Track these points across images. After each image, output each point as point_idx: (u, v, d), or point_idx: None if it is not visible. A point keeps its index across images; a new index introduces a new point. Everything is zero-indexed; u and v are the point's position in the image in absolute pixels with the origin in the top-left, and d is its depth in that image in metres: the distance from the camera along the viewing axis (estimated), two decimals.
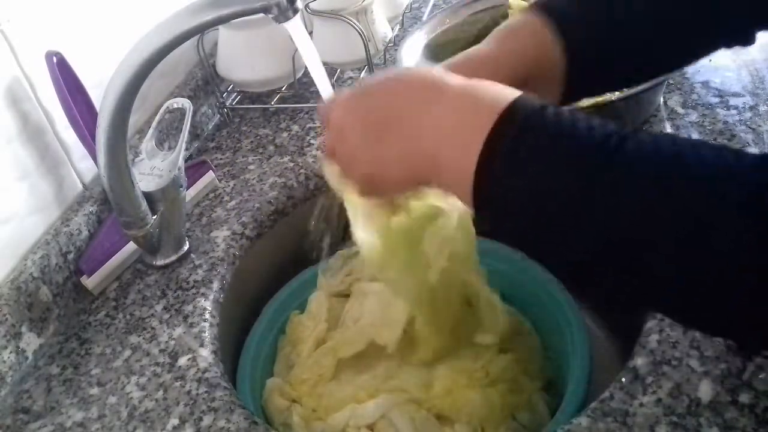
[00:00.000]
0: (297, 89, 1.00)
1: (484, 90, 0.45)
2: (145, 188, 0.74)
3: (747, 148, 0.75)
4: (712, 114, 0.80)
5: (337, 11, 0.92)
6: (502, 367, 0.67)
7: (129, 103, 0.64)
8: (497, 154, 0.42)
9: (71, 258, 0.76)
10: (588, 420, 0.55)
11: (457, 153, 0.44)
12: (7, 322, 0.68)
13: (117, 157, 0.68)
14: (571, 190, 0.40)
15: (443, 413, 0.65)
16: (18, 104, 0.73)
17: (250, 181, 0.89)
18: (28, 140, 0.74)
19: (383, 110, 0.48)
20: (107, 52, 0.77)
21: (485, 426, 0.64)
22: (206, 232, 0.82)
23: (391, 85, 0.49)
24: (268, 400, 0.70)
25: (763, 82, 0.84)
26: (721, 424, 0.52)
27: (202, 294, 0.75)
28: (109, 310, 0.75)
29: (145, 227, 0.74)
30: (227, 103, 1.01)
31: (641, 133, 0.40)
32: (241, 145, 0.96)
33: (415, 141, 0.46)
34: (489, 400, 0.65)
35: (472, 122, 0.43)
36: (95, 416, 0.64)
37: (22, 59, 0.73)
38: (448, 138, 0.45)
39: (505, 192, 0.42)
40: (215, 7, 0.58)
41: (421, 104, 0.46)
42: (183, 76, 0.99)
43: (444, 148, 0.45)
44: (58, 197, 0.78)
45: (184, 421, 0.62)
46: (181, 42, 0.61)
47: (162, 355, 0.69)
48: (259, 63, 0.97)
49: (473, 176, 0.43)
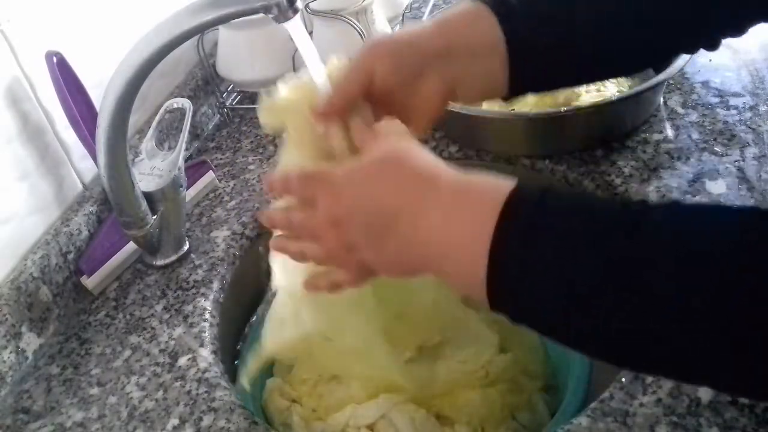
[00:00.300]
0: None
1: (478, 185, 0.44)
2: (145, 188, 0.74)
3: (747, 148, 0.75)
4: (712, 114, 0.81)
5: (337, 11, 0.92)
6: (502, 367, 0.67)
7: (129, 103, 0.64)
8: (508, 253, 0.41)
9: (71, 258, 0.76)
10: (588, 420, 0.55)
11: (464, 256, 0.43)
12: (7, 322, 0.68)
13: (117, 157, 0.68)
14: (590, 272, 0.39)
15: (443, 413, 0.65)
16: (18, 104, 0.73)
17: (250, 181, 0.89)
18: (28, 140, 0.74)
19: (379, 209, 0.47)
20: (107, 52, 0.77)
21: (485, 426, 0.64)
22: (206, 232, 0.82)
23: (383, 180, 0.47)
24: (268, 400, 0.70)
25: (763, 82, 0.84)
26: (721, 424, 0.52)
27: (202, 294, 0.75)
28: (109, 310, 0.75)
29: (145, 227, 0.74)
30: (227, 103, 1.01)
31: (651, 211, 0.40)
32: (241, 145, 0.96)
33: (415, 245, 0.46)
34: (489, 400, 0.65)
35: (473, 222, 0.42)
36: (95, 416, 0.64)
37: (22, 59, 0.73)
38: (451, 240, 0.44)
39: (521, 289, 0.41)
40: (215, 7, 0.58)
41: (416, 203, 0.45)
42: (183, 76, 0.99)
43: (448, 252, 0.44)
44: (58, 197, 0.78)
45: (184, 421, 0.62)
46: (181, 42, 0.61)
47: (162, 355, 0.69)
48: (259, 63, 0.97)
49: (485, 281, 0.42)
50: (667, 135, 0.79)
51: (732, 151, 0.75)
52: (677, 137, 0.78)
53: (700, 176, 0.73)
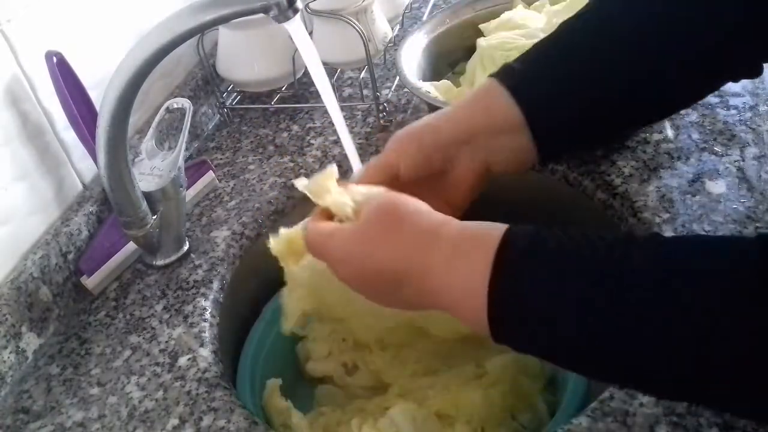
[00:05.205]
0: (297, 89, 1.00)
1: (473, 233, 0.47)
2: (145, 188, 0.74)
3: (747, 148, 0.75)
4: (712, 114, 0.80)
5: (337, 11, 0.92)
6: (502, 367, 0.67)
7: (129, 103, 0.64)
8: (503, 295, 0.44)
9: (71, 258, 0.76)
10: (588, 420, 0.55)
11: (468, 300, 0.46)
12: (7, 322, 0.68)
13: (117, 157, 0.68)
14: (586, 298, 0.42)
15: (443, 413, 0.65)
16: (18, 104, 0.73)
17: (250, 181, 0.89)
18: (28, 140, 0.74)
19: (386, 273, 0.49)
20: (107, 52, 0.78)
21: (485, 426, 0.64)
22: (206, 232, 0.82)
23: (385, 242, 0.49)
24: (268, 400, 0.70)
25: (763, 82, 0.84)
26: (721, 424, 0.52)
27: (202, 294, 0.75)
28: (109, 310, 0.75)
29: (145, 227, 0.74)
30: (227, 103, 1.01)
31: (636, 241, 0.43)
32: (241, 145, 0.96)
33: (424, 296, 0.49)
34: (489, 400, 0.65)
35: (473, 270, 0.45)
36: (95, 416, 0.64)
37: (22, 59, 0.73)
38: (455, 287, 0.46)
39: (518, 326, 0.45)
40: (215, 7, 0.58)
41: (421, 260, 0.48)
42: (183, 76, 0.99)
43: (454, 297, 0.47)
44: (58, 197, 0.78)
45: (184, 421, 0.62)
46: (181, 42, 0.61)
47: (162, 355, 0.69)
48: (259, 63, 0.97)
49: (488, 319, 0.45)
50: (667, 135, 0.79)
51: (732, 151, 0.75)
52: (677, 137, 0.78)
53: (700, 176, 0.73)
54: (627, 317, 0.40)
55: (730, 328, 0.37)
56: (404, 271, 0.48)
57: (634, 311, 0.40)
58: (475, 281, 0.45)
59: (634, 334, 0.40)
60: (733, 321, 0.37)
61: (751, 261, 0.38)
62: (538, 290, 0.43)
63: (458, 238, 0.47)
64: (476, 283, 0.44)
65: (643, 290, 0.40)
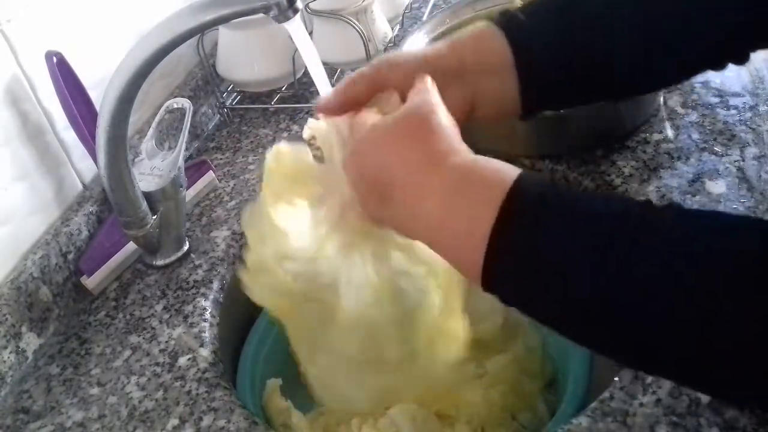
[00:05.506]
0: (297, 89, 1.00)
1: (483, 171, 0.44)
2: (145, 188, 0.74)
3: (747, 148, 0.75)
4: (712, 114, 0.80)
5: (337, 11, 0.92)
6: (502, 367, 0.67)
7: (129, 103, 0.64)
8: (507, 244, 0.42)
9: (71, 258, 0.76)
10: (588, 420, 0.55)
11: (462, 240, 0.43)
12: (7, 322, 0.68)
13: (117, 157, 0.68)
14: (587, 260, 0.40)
15: (443, 413, 0.65)
16: (18, 104, 0.73)
17: (250, 181, 0.89)
18: (28, 140, 0.74)
19: (383, 177, 0.47)
20: (107, 52, 0.77)
21: (485, 426, 0.64)
22: (206, 232, 0.82)
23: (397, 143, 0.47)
24: (268, 400, 0.70)
25: (763, 82, 0.84)
26: (721, 424, 0.52)
27: (202, 294, 0.75)
28: (109, 310, 0.75)
29: (145, 227, 0.74)
30: (227, 103, 1.01)
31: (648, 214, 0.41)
32: (241, 145, 0.96)
33: (413, 217, 0.46)
34: (489, 400, 0.65)
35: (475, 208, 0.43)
36: (95, 416, 0.64)
37: (22, 59, 0.73)
38: (450, 221, 0.44)
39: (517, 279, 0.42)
40: (215, 7, 0.58)
41: (419, 179, 0.45)
42: (183, 76, 0.99)
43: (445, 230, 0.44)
44: (58, 197, 0.78)
45: (184, 421, 0.62)
46: (181, 42, 0.61)
47: (162, 355, 0.69)
48: (259, 63, 0.97)
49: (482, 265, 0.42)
50: (667, 135, 0.79)
51: (732, 151, 0.75)
52: (677, 137, 0.78)
53: (700, 176, 0.73)
54: (635, 291, 0.39)
55: (733, 312, 0.36)
56: (402, 182, 0.46)
57: (641, 286, 0.38)
58: (475, 224, 0.42)
59: (641, 309, 0.38)
60: (735, 306, 0.36)
61: (757, 246, 0.38)
62: (551, 242, 0.40)
63: (465, 171, 0.44)
64: (476, 226, 0.42)
65: (650, 265, 0.38)
